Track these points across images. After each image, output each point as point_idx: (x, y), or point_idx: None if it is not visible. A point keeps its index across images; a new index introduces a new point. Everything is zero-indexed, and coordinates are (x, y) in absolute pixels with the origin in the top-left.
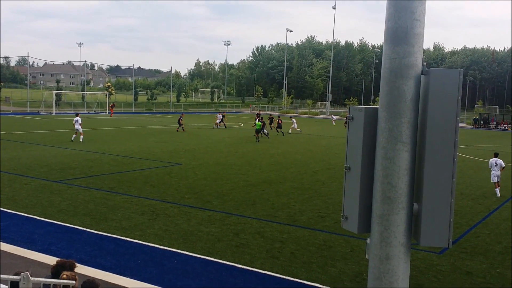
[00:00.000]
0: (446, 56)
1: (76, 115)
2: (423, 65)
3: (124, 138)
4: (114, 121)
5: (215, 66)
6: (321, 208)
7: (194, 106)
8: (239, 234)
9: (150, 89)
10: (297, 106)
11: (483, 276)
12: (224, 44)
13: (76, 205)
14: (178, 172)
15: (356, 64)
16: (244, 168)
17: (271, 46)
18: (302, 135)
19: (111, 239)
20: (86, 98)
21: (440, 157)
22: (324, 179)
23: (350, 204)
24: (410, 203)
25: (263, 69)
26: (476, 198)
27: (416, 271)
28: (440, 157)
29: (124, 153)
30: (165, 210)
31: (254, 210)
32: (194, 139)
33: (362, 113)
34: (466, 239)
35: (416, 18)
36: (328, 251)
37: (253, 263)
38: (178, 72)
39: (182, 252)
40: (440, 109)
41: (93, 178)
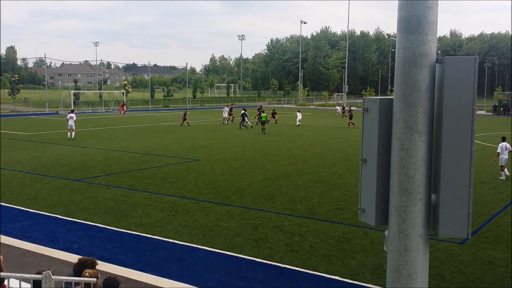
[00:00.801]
0: (463, 42)
1: (71, 112)
2: (438, 54)
3: (142, 135)
4: (131, 118)
5: (230, 61)
6: (339, 201)
7: (210, 102)
8: (258, 228)
9: (166, 86)
10: (313, 98)
11: (505, 266)
12: (239, 38)
13: (96, 203)
14: (196, 168)
15: (372, 54)
16: (262, 162)
17: (285, 39)
18: (319, 128)
19: (132, 236)
20: (103, 97)
21: (457, 146)
22: (342, 171)
23: (367, 196)
24: (427, 194)
25: (278, 62)
26: (497, 186)
27: (437, 261)
28: (457, 147)
29: (142, 150)
30: (184, 206)
31: (273, 204)
32: (211, 135)
33: (377, 104)
34: (487, 228)
35: (429, 6)
36: (347, 243)
37: (273, 257)
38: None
39: (201, 247)
40: (456, 97)
41: (113, 176)
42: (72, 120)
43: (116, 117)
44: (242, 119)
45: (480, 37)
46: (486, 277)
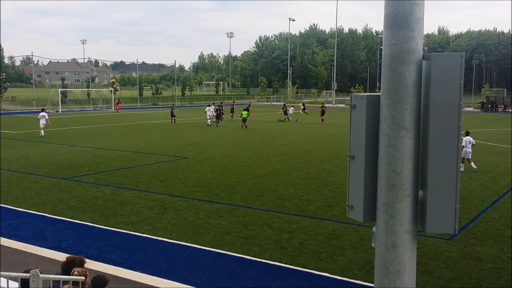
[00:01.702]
0: (451, 39)
1: (42, 111)
2: (424, 50)
3: (130, 133)
4: (120, 116)
5: (219, 58)
6: (328, 198)
7: (199, 100)
8: (248, 226)
9: (154, 84)
10: (302, 96)
11: (493, 262)
12: (227, 35)
13: (85, 201)
14: (185, 166)
15: (361, 51)
16: (251, 159)
17: (274, 36)
18: (309, 125)
19: (121, 234)
20: (91, 95)
21: (444, 142)
22: (331, 168)
23: (355, 193)
24: (415, 190)
25: (267, 60)
26: (484, 182)
27: (426, 257)
28: (444, 143)
29: (131, 148)
30: (173, 204)
31: (262, 202)
32: (200, 132)
33: (364, 101)
34: (475, 224)
35: (415, 3)
36: (336, 240)
37: (262, 254)
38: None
39: (191, 245)
40: (443, 94)
41: (101, 174)
42: (43, 119)
43: (105, 115)
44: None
45: (468, 34)
46: (474, 273)
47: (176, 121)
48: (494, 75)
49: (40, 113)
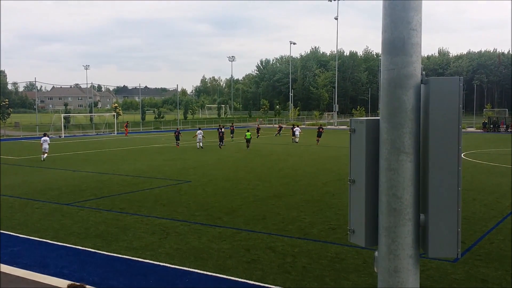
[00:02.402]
0: (451, 60)
1: (44, 135)
2: (422, 74)
3: (133, 157)
4: (122, 141)
5: (221, 82)
6: (332, 220)
7: (202, 123)
8: (250, 250)
9: (157, 108)
10: (304, 118)
11: (499, 283)
12: (229, 59)
13: (87, 227)
14: (188, 190)
15: (362, 73)
16: (254, 182)
17: (275, 59)
18: (311, 147)
19: (123, 260)
20: (94, 120)
21: (444, 166)
22: (334, 191)
23: (356, 217)
24: (416, 214)
25: (268, 82)
26: (488, 203)
27: (431, 280)
28: (444, 166)
29: (133, 172)
30: (175, 228)
31: (265, 225)
32: (202, 156)
33: (363, 125)
34: (480, 245)
35: (412, 28)
36: (340, 263)
37: (265, 278)
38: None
39: (193, 270)
40: (442, 118)
41: (103, 199)
42: (46, 143)
43: (107, 140)
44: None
45: (468, 55)
46: None
47: (179, 144)
48: (496, 95)
49: (42, 137)
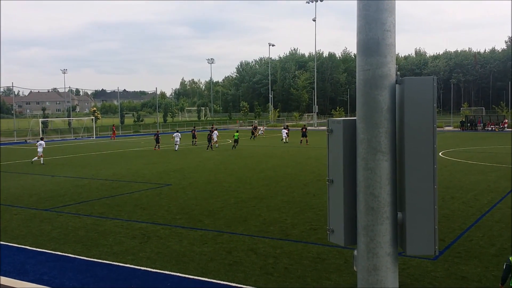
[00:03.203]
0: (429, 60)
1: (40, 139)
2: (397, 75)
3: (112, 162)
4: (102, 145)
5: (200, 84)
6: (313, 221)
7: (182, 126)
8: (232, 252)
9: (136, 111)
10: (284, 119)
11: (479, 280)
12: (208, 62)
13: (66, 232)
14: (168, 193)
15: (340, 74)
16: (235, 184)
17: (254, 61)
18: (292, 147)
19: (103, 265)
20: (72, 124)
21: (420, 164)
22: (315, 191)
23: (335, 216)
24: (394, 212)
25: (248, 84)
26: (467, 201)
27: (411, 278)
28: (420, 165)
29: (113, 177)
30: (156, 232)
31: (246, 227)
32: (182, 159)
33: (340, 125)
34: (459, 243)
35: (386, 29)
36: (322, 264)
37: (247, 280)
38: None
39: (175, 274)
40: (417, 117)
41: (83, 204)
42: (41, 147)
43: (86, 144)
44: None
45: (445, 55)
46: None
47: (160, 147)
48: (472, 94)
49: (38, 141)
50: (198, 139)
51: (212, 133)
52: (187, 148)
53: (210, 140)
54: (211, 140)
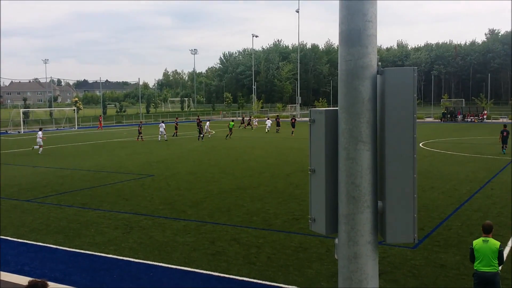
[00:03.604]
0: (410, 53)
1: (39, 130)
2: (378, 65)
3: (94, 152)
4: (84, 135)
5: (184, 75)
6: (295, 211)
7: (165, 116)
8: (215, 242)
9: (118, 102)
10: (267, 110)
11: (457, 268)
12: (191, 52)
13: (48, 223)
14: (151, 184)
15: (323, 66)
16: (218, 175)
17: (238, 52)
18: (275, 139)
19: (85, 255)
20: (54, 115)
21: (400, 154)
22: (297, 182)
23: (316, 206)
24: (374, 201)
25: (231, 75)
26: (446, 191)
27: (391, 266)
28: (400, 154)
29: (95, 167)
30: (139, 223)
31: (229, 217)
32: (165, 149)
33: (322, 115)
34: (438, 232)
35: (368, 20)
36: (304, 253)
37: (230, 270)
38: (147, 83)
39: (158, 264)
40: (397, 107)
41: (65, 195)
42: (39, 138)
43: (68, 135)
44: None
45: (426, 47)
46: (439, 280)
47: (143, 138)
48: (453, 86)
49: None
50: (179, 131)
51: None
52: (169, 139)
53: (201, 131)
54: (202, 130)
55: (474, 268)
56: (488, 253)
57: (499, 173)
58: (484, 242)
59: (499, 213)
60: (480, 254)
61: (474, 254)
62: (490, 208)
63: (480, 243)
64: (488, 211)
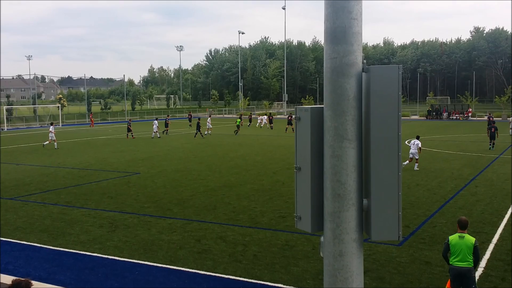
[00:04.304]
0: (397, 50)
1: (51, 124)
2: (363, 63)
3: (79, 150)
4: (68, 133)
5: (169, 72)
6: (282, 209)
7: (150, 114)
8: (201, 240)
9: (103, 99)
10: (254, 108)
11: (442, 265)
12: (177, 49)
13: (32, 221)
14: (137, 182)
15: (310, 63)
16: (204, 173)
17: (224, 49)
18: (261, 136)
19: (70, 254)
20: (38, 112)
21: (385, 152)
22: (284, 179)
23: (302, 203)
24: (359, 199)
25: (218, 72)
26: (431, 188)
27: (377, 264)
28: (385, 152)
29: (80, 165)
30: (124, 221)
31: (215, 215)
32: (151, 147)
33: (308, 113)
34: (423, 229)
35: (353, 17)
36: (290, 250)
37: (216, 268)
38: (132, 80)
39: (143, 262)
40: (382, 105)
41: (49, 193)
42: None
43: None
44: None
45: (412, 44)
46: (424, 277)
47: (134, 135)
48: (438, 84)
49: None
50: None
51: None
52: (162, 136)
53: (199, 127)
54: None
55: (449, 263)
56: (463, 249)
57: (483, 170)
58: (460, 238)
59: (483, 210)
60: (456, 249)
61: (450, 249)
62: (474, 205)
63: (456, 239)
64: (472, 208)
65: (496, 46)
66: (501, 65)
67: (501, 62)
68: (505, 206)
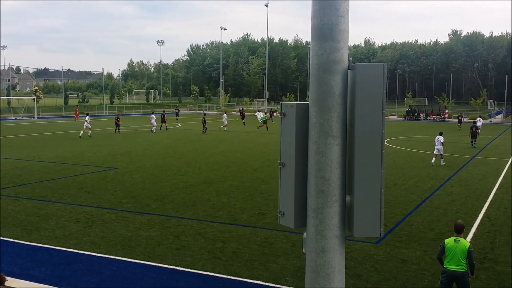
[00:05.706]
0: (377, 51)
1: (87, 115)
2: (349, 60)
3: (55, 143)
4: (44, 126)
5: (150, 66)
6: (261, 206)
7: (129, 108)
8: (180, 237)
9: (81, 92)
10: (234, 104)
11: (418, 263)
12: (158, 43)
13: (5, 216)
14: (114, 177)
15: (291, 61)
16: (184, 169)
17: (206, 45)
18: (242, 133)
19: (44, 249)
20: (12, 103)
21: (369, 149)
22: (264, 176)
23: (286, 199)
24: (343, 195)
25: (198, 68)
26: (408, 187)
27: (355, 261)
28: (369, 149)
29: (55, 159)
30: (101, 216)
31: (195, 211)
32: (130, 142)
33: (293, 109)
34: (400, 228)
35: (340, 15)
36: (269, 248)
37: (195, 265)
38: (111, 73)
39: (120, 258)
40: (367, 102)
41: (23, 187)
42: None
43: (26, 125)
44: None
45: (392, 45)
46: (400, 274)
47: (120, 131)
48: (416, 85)
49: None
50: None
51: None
52: (135, 131)
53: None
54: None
55: (443, 266)
56: (458, 253)
57: (458, 171)
58: (456, 242)
59: (458, 210)
60: (451, 252)
61: (445, 252)
62: (450, 205)
63: (451, 242)
64: (447, 208)
65: (473, 50)
66: (477, 68)
67: (477, 65)
68: (479, 206)
